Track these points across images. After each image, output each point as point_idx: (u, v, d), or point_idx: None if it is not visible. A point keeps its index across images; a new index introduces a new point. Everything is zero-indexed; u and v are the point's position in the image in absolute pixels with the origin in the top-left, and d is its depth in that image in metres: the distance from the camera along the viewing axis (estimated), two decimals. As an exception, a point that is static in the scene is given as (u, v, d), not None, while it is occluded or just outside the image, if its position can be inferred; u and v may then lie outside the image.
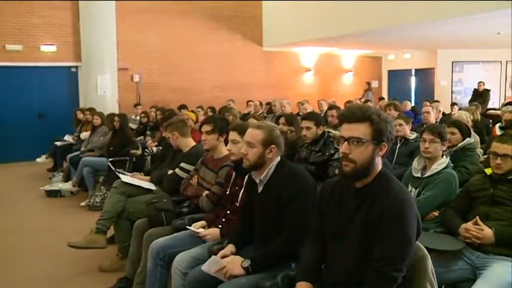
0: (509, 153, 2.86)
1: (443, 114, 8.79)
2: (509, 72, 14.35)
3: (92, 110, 8.36)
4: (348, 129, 1.99)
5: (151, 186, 4.37)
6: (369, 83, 13.99)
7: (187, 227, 3.20)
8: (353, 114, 1.99)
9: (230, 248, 2.70)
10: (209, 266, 2.53)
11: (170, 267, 2.94)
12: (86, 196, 6.67)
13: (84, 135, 8.19)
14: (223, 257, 2.61)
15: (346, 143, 1.98)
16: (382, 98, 12.51)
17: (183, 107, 9.50)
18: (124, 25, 10.96)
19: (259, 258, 2.51)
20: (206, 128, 3.59)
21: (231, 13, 12.92)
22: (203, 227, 3.17)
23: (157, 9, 11.74)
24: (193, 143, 4.33)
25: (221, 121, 3.74)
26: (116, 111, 8.88)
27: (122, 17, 10.81)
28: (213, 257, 2.59)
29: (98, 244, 4.04)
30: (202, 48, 12.51)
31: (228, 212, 3.09)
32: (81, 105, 10.25)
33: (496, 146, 2.93)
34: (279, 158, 2.68)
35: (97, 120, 7.70)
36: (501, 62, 14.27)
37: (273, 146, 2.62)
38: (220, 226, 3.05)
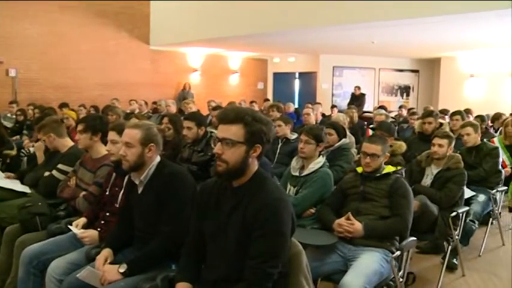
0: (377, 152, 3.10)
1: (324, 115, 9.27)
2: (382, 79, 15.51)
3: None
4: (222, 130, 2.02)
5: (26, 189, 4.10)
6: (188, 84, 13.96)
7: (69, 226, 3.04)
8: (226, 116, 2.03)
9: (106, 252, 2.60)
10: (85, 277, 2.43)
11: (44, 275, 2.75)
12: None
13: None
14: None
15: (219, 143, 2.02)
16: (267, 100, 12.86)
17: (64, 105, 9.04)
18: (-2, 15, 10.16)
19: (137, 260, 2.46)
20: (79, 127, 3.55)
21: (118, 10, 12.55)
22: (83, 225, 3.04)
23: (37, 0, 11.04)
24: (71, 143, 4.12)
25: (94, 120, 3.65)
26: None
27: (-4, 6, 10.02)
28: (88, 268, 2.47)
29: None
30: (86, 45, 12.00)
31: (108, 213, 2.99)
32: None
33: (366, 146, 3.16)
34: (159, 158, 2.66)
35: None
36: (375, 69, 15.42)
37: (152, 144, 2.61)
38: (99, 229, 2.93)
